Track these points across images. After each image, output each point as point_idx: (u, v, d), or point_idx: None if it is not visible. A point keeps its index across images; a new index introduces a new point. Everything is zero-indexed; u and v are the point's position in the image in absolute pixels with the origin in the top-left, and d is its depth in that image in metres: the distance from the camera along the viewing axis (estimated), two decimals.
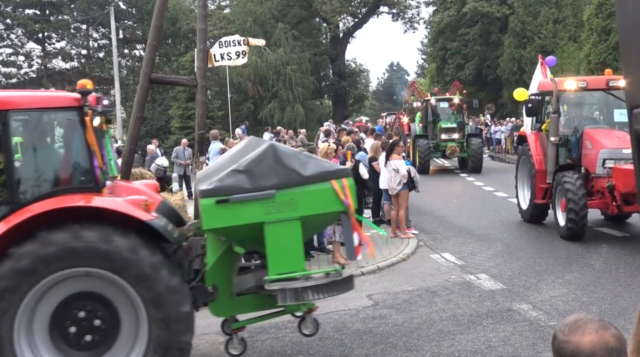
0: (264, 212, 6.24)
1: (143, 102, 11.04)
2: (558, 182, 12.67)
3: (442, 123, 26.48)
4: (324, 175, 6.39)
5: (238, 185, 6.26)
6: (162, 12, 10.83)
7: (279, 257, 6.32)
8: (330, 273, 6.62)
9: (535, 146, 14.14)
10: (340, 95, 52.06)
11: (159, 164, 12.63)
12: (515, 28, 42.85)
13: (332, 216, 6.71)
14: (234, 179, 6.30)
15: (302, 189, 6.32)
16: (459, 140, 26.04)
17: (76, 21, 45.59)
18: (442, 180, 24.91)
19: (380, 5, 52.13)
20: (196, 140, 11.25)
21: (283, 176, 6.31)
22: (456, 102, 27.22)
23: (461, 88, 33.22)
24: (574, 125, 13.58)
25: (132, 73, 44.77)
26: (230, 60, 11.68)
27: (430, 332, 7.92)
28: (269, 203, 6.24)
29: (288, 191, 6.29)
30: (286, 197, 6.28)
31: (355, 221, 6.54)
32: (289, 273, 6.31)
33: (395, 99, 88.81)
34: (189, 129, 32.87)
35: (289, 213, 6.27)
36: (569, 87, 13.24)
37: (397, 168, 13.35)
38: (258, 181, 6.29)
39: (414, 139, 26.45)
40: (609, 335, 2.05)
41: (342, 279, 6.50)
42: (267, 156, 6.43)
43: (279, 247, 6.30)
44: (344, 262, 11.63)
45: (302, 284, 6.29)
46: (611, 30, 29.32)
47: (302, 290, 6.24)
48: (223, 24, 43.52)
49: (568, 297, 9.16)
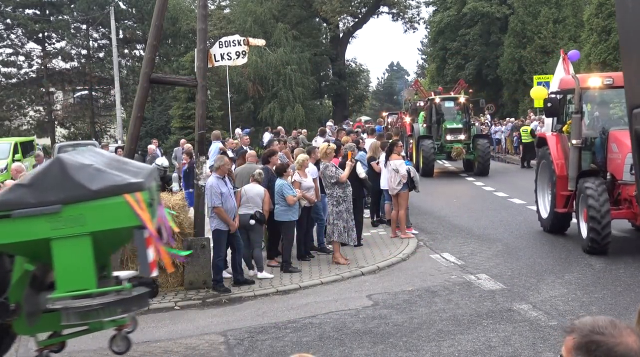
0: (50, 228, 6.01)
1: (143, 102, 11.03)
2: (580, 189, 11.55)
3: (447, 123, 25.44)
4: (115, 190, 6.14)
5: (21, 200, 6.02)
6: (162, 12, 10.82)
7: (67, 275, 6.09)
8: (122, 291, 6.40)
9: (555, 150, 12.92)
10: (340, 95, 52.04)
11: (159, 164, 12.61)
12: (515, 28, 42.85)
13: (126, 231, 6.37)
14: (16, 194, 6.08)
15: (91, 204, 6.07)
16: (465, 141, 25.01)
17: (76, 21, 45.56)
18: (442, 180, 24.89)
19: (380, 5, 52.09)
20: (196, 140, 11.23)
21: (70, 190, 6.05)
22: (462, 102, 26.21)
23: (466, 87, 32.26)
24: (599, 126, 12.35)
25: (132, 73, 44.72)
26: (230, 60, 11.64)
27: (430, 332, 7.92)
28: (55, 218, 6.01)
29: (76, 205, 6.04)
30: (74, 212, 6.03)
31: (151, 236, 6.26)
32: (79, 290, 6.08)
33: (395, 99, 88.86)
34: (189, 129, 32.85)
35: (77, 229, 6.03)
36: (593, 85, 12.17)
37: (396, 168, 13.35)
38: (43, 195, 6.03)
39: (417, 140, 25.69)
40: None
41: (133, 297, 6.31)
42: (53, 170, 6.21)
43: (67, 264, 6.06)
44: (344, 262, 11.64)
45: (87, 303, 6.03)
46: (611, 30, 29.31)
47: (87, 309, 5.99)
48: (223, 24, 43.49)
49: (568, 297, 9.16)
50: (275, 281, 10.80)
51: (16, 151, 26.15)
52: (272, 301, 9.87)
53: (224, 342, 8.14)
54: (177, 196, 11.10)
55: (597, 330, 2.05)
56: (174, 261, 10.38)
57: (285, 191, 11.11)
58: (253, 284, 10.62)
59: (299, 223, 11.69)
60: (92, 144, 28.11)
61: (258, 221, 10.81)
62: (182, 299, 10.02)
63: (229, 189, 10.48)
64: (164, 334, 8.65)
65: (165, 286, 10.53)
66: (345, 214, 11.75)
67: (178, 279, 10.58)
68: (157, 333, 8.74)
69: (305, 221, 11.99)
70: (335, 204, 11.71)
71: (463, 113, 26.03)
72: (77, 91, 49.04)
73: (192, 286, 10.38)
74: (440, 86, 38.29)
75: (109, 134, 47.51)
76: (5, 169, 24.01)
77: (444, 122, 25.56)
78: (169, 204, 10.28)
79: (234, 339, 8.17)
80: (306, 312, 9.11)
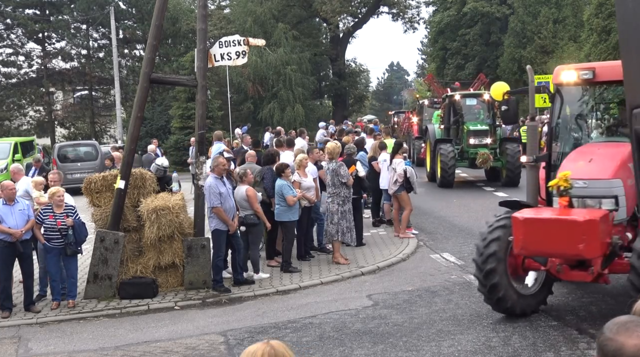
0: None
1: (143, 102, 11.03)
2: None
3: (470, 124, 21.36)
4: None
5: None
6: (162, 12, 10.82)
7: None
8: None
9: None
10: (340, 95, 52.05)
11: (159, 164, 12.59)
12: (515, 28, 42.87)
13: None
14: None
15: None
16: (491, 146, 20.97)
17: (76, 21, 45.54)
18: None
19: (380, 5, 52.09)
20: (196, 140, 11.23)
21: None
22: (487, 99, 21.57)
23: (487, 82, 28.56)
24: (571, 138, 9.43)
25: (132, 73, 44.71)
26: (230, 60, 11.63)
27: (430, 332, 7.92)
28: None
29: None
30: None
31: None
32: None
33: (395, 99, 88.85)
34: (189, 129, 32.88)
35: None
36: (566, 80, 8.91)
37: (395, 166, 13.36)
38: None
39: (434, 144, 21.98)
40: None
41: None
42: None
43: None
44: (344, 262, 11.64)
45: None
46: (611, 30, 29.32)
47: None
48: (223, 24, 43.50)
49: (568, 297, 9.16)
50: (275, 281, 10.80)
51: (16, 151, 26.15)
52: (272, 301, 9.87)
53: (224, 342, 8.14)
54: (177, 195, 11.09)
55: (610, 325, 2.15)
56: (174, 261, 10.41)
57: (285, 191, 11.11)
58: (253, 284, 10.62)
59: (299, 223, 11.68)
60: (92, 144, 28.13)
61: (248, 225, 10.78)
62: (182, 299, 10.03)
63: (228, 189, 10.48)
64: (164, 334, 8.65)
65: (165, 286, 10.54)
66: (349, 214, 11.76)
67: (178, 279, 10.58)
68: (157, 333, 8.74)
69: (305, 221, 11.99)
70: (341, 204, 11.69)
71: (488, 112, 21.84)
72: (77, 91, 49.03)
73: (192, 286, 10.39)
74: (458, 81, 35.86)
75: (109, 134, 47.51)
76: (5, 169, 24.01)
77: (466, 123, 21.58)
78: (169, 204, 10.29)
79: (234, 339, 8.18)
80: (306, 312, 9.11)
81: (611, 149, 8.47)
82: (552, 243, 7.48)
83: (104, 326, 9.25)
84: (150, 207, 10.21)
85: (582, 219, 7.32)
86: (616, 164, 8.05)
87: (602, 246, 7.45)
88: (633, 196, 7.89)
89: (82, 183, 10.94)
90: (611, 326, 2.12)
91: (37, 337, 8.85)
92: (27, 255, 9.91)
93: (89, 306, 10.01)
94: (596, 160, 8.18)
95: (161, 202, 10.28)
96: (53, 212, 9.88)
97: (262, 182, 11.73)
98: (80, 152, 27.05)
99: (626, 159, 7.98)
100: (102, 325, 9.28)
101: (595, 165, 8.07)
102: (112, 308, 9.87)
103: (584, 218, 7.33)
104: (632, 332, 2.07)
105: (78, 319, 9.52)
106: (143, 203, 10.37)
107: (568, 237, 7.32)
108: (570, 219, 7.45)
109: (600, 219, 7.32)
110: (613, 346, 2.06)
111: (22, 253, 9.75)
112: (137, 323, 9.26)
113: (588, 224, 7.26)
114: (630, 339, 2.05)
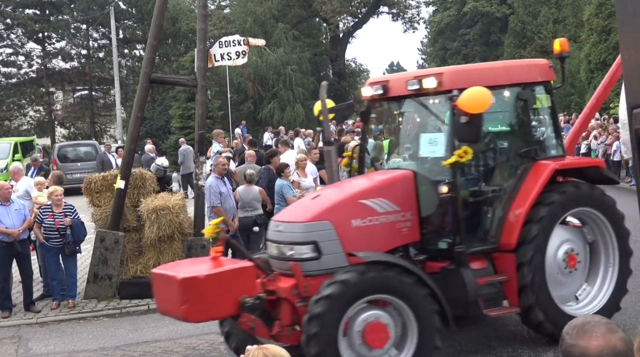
0: None
1: (143, 102, 11.03)
2: None
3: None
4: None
5: None
6: (162, 11, 10.82)
7: None
8: None
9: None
10: (340, 95, 51.95)
11: (159, 164, 12.60)
12: (515, 28, 42.85)
13: None
14: None
15: None
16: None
17: (76, 21, 45.52)
18: None
19: (380, 5, 52.07)
20: (196, 140, 11.24)
21: None
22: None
23: None
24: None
25: (132, 73, 44.68)
26: (230, 60, 11.64)
27: None
28: None
29: None
30: None
31: None
32: None
33: None
34: (189, 129, 32.84)
35: None
36: (365, 95, 8.23)
37: None
38: None
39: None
40: (616, 338, 2.05)
41: None
42: None
43: None
44: None
45: None
46: (611, 30, 29.29)
47: None
48: (223, 24, 43.50)
49: None
50: None
51: (16, 151, 26.16)
52: None
53: (224, 342, 8.13)
54: (177, 195, 11.09)
55: (567, 330, 2.15)
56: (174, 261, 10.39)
57: (285, 191, 11.10)
58: None
59: None
60: (92, 144, 28.14)
61: (260, 225, 10.79)
62: None
63: (228, 189, 10.47)
64: (164, 334, 8.65)
65: None
66: None
67: None
68: (157, 333, 8.74)
69: None
70: None
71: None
72: (77, 91, 49.01)
73: None
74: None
75: (109, 134, 47.48)
76: (5, 169, 24.02)
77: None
78: (169, 204, 10.28)
79: None
80: None
81: (362, 181, 7.38)
82: (169, 303, 6.35)
83: (104, 326, 9.25)
84: (150, 207, 10.21)
85: (181, 276, 6.09)
86: (335, 201, 6.78)
87: (228, 306, 6.11)
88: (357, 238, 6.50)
89: (82, 183, 10.95)
90: (570, 331, 2.12)
91: (37, 337, 8.85)
92: (25, 255, 9.92)
93: (89, 305, 10.01)
94: (322, 196, 7.09)
95: (161, 202, 10.29)
96: (52, 211, 9.88)
97: (259, 182, 11.73)
98: (80, 152, 27.08)
99: (366, 193, 6.74)
100: (102, 325, 9.28)
101: (310, 204, 6.96)
102: (112, 308, 9.87)
103: (182, 276, 6.08)
104: (592, 334, 2.07)
105: (78, 319, 9.52)
106: (143, 203, 10.38)
107: (173, 296, 6.15)
108: (170, 276, 6.25)
109: (207, 277, 6.02)
110: (577, 352, 2.07)
111: (20, 253, 9.75)
112: (137, 323, 9.26)
113: (186, 282, 5.99)
114: (592, 340, 2.06)
